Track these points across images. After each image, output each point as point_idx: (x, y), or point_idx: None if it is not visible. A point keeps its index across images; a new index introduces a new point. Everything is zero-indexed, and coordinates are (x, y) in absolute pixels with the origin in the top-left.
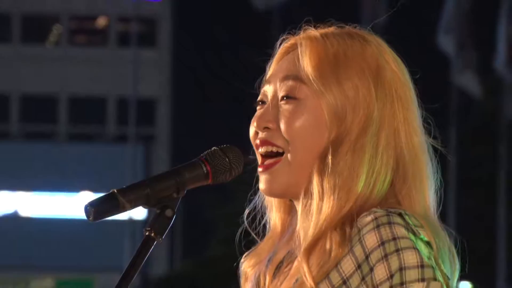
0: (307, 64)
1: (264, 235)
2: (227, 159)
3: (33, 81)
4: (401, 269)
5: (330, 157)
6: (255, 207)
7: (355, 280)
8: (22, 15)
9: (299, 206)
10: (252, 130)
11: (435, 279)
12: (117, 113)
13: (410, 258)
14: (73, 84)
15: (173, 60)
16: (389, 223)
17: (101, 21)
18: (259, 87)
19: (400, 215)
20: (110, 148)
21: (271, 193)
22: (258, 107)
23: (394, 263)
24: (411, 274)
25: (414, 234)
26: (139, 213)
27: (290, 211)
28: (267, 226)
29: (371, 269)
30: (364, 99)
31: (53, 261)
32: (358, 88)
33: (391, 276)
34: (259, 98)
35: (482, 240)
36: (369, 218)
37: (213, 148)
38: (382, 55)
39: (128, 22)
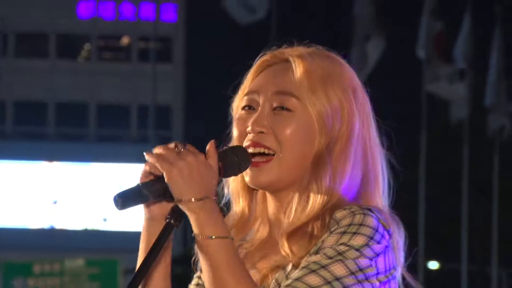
0: (300, 78)
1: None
2: (236, 158)
3: (67, 90)
4: (344, 244)
5: (323, 162)
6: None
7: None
8: (57, 35)
9: (282, 198)
10: (239, 130)
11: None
12: (139, 118)
13: (358, 241)
14: (101, 94)
15: (186, 73)
16: (364, 214)
17: (125, 40)
18: (235, 92)
19: (370, 210)
20: (132, 148)
21: (258, 185)
22: (243, 111)
23: (344, 239)
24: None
25: (384, 226)
26: None
27: (252, 199)
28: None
29: (329, 234)
30: (347, 113)
31: (83, 244)
32: (343, 103)
33: (334, 246)
34: (245, 103)
35: (448, 225)
36: (346, 211)
37: (224, 148)
38: (355, 77)
39: (148, 40)
